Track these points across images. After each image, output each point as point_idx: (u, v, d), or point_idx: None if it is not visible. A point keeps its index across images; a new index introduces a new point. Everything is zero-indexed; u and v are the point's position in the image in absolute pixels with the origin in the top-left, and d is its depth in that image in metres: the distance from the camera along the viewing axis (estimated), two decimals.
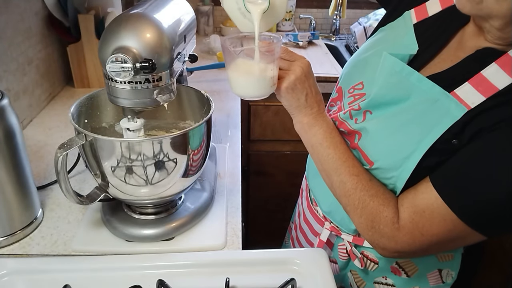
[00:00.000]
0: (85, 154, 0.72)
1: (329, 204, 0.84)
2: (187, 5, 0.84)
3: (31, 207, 0.80)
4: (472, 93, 0.62)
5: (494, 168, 0.58)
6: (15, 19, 1.12)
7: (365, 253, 0.82)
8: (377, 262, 0.82)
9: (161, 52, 0.65)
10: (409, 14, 0.77)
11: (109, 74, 0.64)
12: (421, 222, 0.64)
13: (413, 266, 0.81)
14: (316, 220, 0.89)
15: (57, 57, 1.38)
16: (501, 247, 1.42)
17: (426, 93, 0.65)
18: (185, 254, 0.75)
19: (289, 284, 0.67)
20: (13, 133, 0.73)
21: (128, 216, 0.80)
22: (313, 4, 2.14)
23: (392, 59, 0.71)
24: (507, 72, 0.60)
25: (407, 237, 0.66)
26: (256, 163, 1.73)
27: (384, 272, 0.83)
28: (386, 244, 0.68)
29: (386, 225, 0.67)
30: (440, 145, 0.63)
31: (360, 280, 0.85)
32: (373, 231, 0.69)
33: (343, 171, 0.71)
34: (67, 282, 0.67)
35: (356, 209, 0.70)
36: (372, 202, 0.68)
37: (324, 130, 0.73)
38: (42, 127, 1.18)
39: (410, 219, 0.65)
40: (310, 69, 0.71)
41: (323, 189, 0.83)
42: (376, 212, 0.68)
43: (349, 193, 0.70)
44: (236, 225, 0.83)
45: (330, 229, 0.85)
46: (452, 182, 0.62)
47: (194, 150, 0.74)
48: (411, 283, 0.82)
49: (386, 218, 0.67)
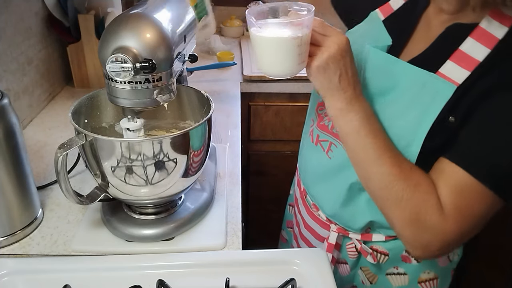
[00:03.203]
0: (85, 154, 0.72)
1: (333, 207, 0.82)
2: (187, 5, 0.84)
3: (31, 207, 0.80)
4: (456, 70, 0.64)
5: (508, 130, 0.60)
6: (15, 19, 1.12)
7: (374, 247, 0.82)
8: (387, 253, 0.81)
9: (161, 52, 0.65)
10: (375, 13, 0.80)
11: (109, 74, 0.64)
12: (463, 205, 0.62)
13: None
14: (320, 224, 0.87)
15: (57, 57, 1.38)
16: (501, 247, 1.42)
17: (413, 78, 0.67)
18: (185, 254, 0.75)
19: (289, 284, 0.67)
20: (13, 133, 0.73)
21: (128, 216, 0.80)
22: None
23: (375, 51, 0.72)
24: (483, 44, 0.63)
25: (454, 225, 0.63)
26: (256, 163, 1.73)
27: (395, 263, 0.82)
28: (431, 239, 0.64)
29: (433, 214, 0.63)
30: (438, 126, 0.64)
31: (372, 275, 0.85)
32: (417, 225, 0.64)
33: (385, 161, 0.65)
34: (67, 282, 0.67)
35: (399, 201, 0.65)
36: (417, 192, 0.64)
37: (360, 117, 0.66)
38: (42, 127, 1.18)
39: (453, 204, 0.63)
40: (348, 46, 0.64)
41: (326, 193, 0.83)
42: (422, 202, 0.64)
43: (391, 184, 0.65)
44: (236, 225, 0.83)
45: (337, 231, 0.83)
46: (475, 157, 0.62)
47: (194, 150, 0.74)
48: (421, 268, 0.82)
49: (433, 207, 0.63)
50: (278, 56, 0.64)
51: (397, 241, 0.80)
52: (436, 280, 0.83)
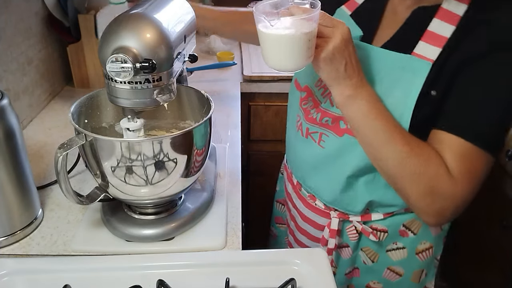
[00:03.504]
0: (85, 154, 0.72)
1: (332, 194, 0.85)
2: (187, 5, 0.84)
3: (31, 207, 0.80)
4: (428, 48, 0.70)
5: (488, 95, 0.68)
6: (15, 19, 1.12)
7: (373, 226, 0.86)
8: (386, 230, 0.85)
9: (161, 52, 0.65)
10: (341, 10, 0.85)
11: (109, 74, 0.64)
12: (468, 168, 0.68)
13: (417, 223, 0.86)
14: (318, 214, 0.90)
15: (57, 57, 1.38)
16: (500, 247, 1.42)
17: (390, 62, 0.73)
18: (185, 254, 0.75)
19: (289, 284, 0.67)
20: (13, 133, 0.73)
21: (128, 216, 0.80)
22: None
23: None
24: (447, 22, 0.70)
25: (465, 187, 0.69)
26: (256, 163, 1.73)
27: (394, 238, 0.87)
28: (445, 205, 0.70)
29: (445, 182, 0.68)
30: (422, 100, 0.70)
31: (373, 253, 0.89)
32: (432, 196, 0.69)
33: (396, 141, 0.69)
34: (67, 282, 0.67)
35: (414, 176, 0.69)
36: (429, 165, 0.68)
37: (367, 101, 0.70)
38: (42, 127, 1.18)
39: (459, 170, 0.68)
40: (350, 35, 0.67)
41: (323, 182, 0.86)
42: (435, 174, 0.68)
43: (405, 161, 0.69)
44: (236, 225, 0.83)
45: (338, 216, 0.86)
46: (465, 124, 0.69)
47: (194, 150, 0.74)
48: (418, 239, 0.87)
49: (444, 177, 0.68)
50: (289, 52, 0.65)
51: (394, 217, 0.85)
52: (431, 249, 0.89)
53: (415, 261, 0.89)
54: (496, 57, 0.67)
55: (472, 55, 0.68)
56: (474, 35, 0.68)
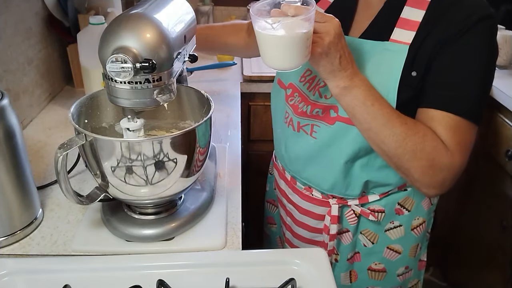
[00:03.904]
0: (85, 154, 0.72)
1: (331, 182, 0.88)
2: (187, 5, 0.84)
3: (31, 207, 0.80)
4: (403, 33, 0.77)
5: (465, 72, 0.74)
6: (15, 19, 1.12)
7: (371, 208, 0.90)
8: (383, 210, 0.90)
9: (161, 52, 0.65)
10: None
11: (109, 74, 0.64)
12: (460, 139, 0.74)
13: (411, 200, 0.91)
14: (317, 204, 0.93)
15: (57, 57, 1.38)
16: (500, 247, 1.42)
17: (370, 50, 0.79)
18: (185, 254, 0.75)
19: (289, 284, 0.67)
20: (13, 133, 0.73)
21: (128, 216, 0.80)
22: None
23: None
24: (418, 8, 0.77)
25: (460, 157, 0.74)
26: (256, 163, 1.73)
27: (391, 217, 0.92)
28: (445, 176, 0.75)
29: (443, 155, 0.74)
30: (404, 81, 0.76)
31: (373, 235, 0.93)
32: (433, 169, 0.74)
33: (394, 123, 0.73)
34: (67, 282, 0.67)
35: (415, 154, 0.73)
36: (426, 141, 0.73)
37: (363, 89, 0.73)
38: (42, 127, 1.18)
39: (453, 141, 0.74)
40: (341, 29, 0.70)
41: (320, 171, 0.89)
42: (433, 149, 0.73)
43: (405, 141, 0.73)
44: (236, 225, 0.83)
45: (337, 203, 0.90)
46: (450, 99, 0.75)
47: (194, 150, 0.74)
48: (412, 215, 0.93)
49: (441, 150, 0.73)
50: (289, 52, 0.66)
51: (389, 197, 0.90)
52: (424, 223, 0.96)
53: (411, 237, 0.95)
54: (465, 37, 0.73)
55: (444, 37, 0.74)
56: (443, 19, 0.75)
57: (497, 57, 0.79)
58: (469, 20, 0.73)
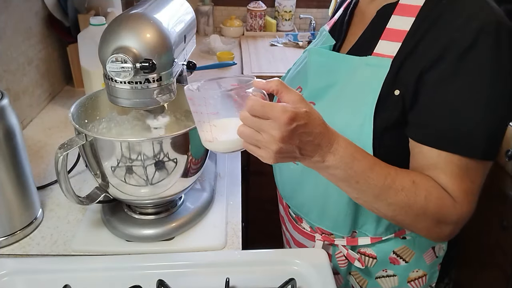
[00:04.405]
0: (85, 154, 0.72)
1: (318, 211, 0.80)
2: (187, 5, 0.84)
3: (31, 207, 0.80)
4: (388, 45, 0.67)
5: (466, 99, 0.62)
6: (15, 19, 1.12)
7: (361, 250, 0.81)
8: (375, 256, 0.81)
9: (161, 52, 0.65)
10: (323, 28, 0.87)
11: (109, 74, 0.64)
12: (468, 185, 0.65)
13: (410, 252, 0.81)
14: (306, 237, 0.85)
15: (57, 57, 1.38)
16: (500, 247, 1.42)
17: (351, 66, 0.71)
18: (185, 254, 0.75)
19: (289, 284, 0.67)
20: (13, 133, 0.73)
21: (128, 216, 0.80)
22: (313, 4, 2.14)
23: (316, 49, 0.78)
24: (406, 15, 0.67)
25: (468, 207, 0.65)
26: (256, 163, 1.72)
27: (384, 265, 0.82)
28: (453, 228, 0.66)
29: (450, 210, 0.64)
30: (385, 100, 0.66)
31: (362, 279, 0.85)
32: (440, 226, 0.66)
33: (388, 194, 0.63)
34: (67, 282, 0.67)
35: (418, 217, 0.64)
36: (430, 202, 0.63)
37: (342, 169, 0.61)
38: (42, 127, 1.18)
39: (459, 190, 0.64)
40: (294, 114, 0.54)
41: (305, 198, 0.81)
42: (439, 207, 0.64)
43: (404, 210, 0.64)
44: (236, 225, 0.83)
45: (322, 239, 0.81)
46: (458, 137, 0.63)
47: (194, 150, 0.74)
48: (410, 267, 0.82)
49: (448, 204, 0.64)
50: None
51: (383, 244, 0.80)
52: (425, 277, 0.84)
53: None
54: (466, 51, 0.61)
55: (437, 51, 0.63)
56: (436, 25, 0.64)
57: None
58: (469, 27, 0.61)
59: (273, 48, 1.87)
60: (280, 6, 2.02)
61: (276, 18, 2.05)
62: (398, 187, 0.63)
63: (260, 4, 2.00)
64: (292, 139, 0.55)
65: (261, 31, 2.03)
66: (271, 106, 0.54)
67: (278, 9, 2.03)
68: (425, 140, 0.65)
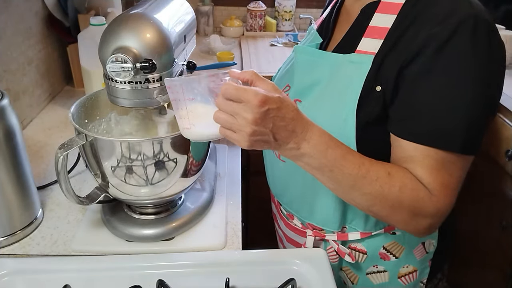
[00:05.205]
0: (85, 154, 0.72)
1: (308, 207, 0.81)
2: (187, 5, 0.84)
3: (31, 207, 0.80)
4: (370, 42, 0.69)
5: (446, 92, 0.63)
6: (15, 19, 1.12)
7: (352, 246, 0.82)
8: (365, 252, 0.81)
9: (161, 52, 0.66)
10: (311, 27, 0.88)
11: (109, 74, 0.64)
12: (445, 179, 0.64)
13: (400, 247, 0.81)
14: (297, 233, 0.86)
15: (57, 57, 1.38)
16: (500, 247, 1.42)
17: (334, 64, 0.73)
18: (185, 254, 0.75)
19: (289, 284, 0.67)
20: (13, 133, 0.73)
21: (128, 216, 0.80)
22: (313, 4, 2.14)
23: (303, 47, 0.80)
24: (388, 13, 0.68)
25: (446, 200, 0.65)
26: (256, 163, 1.72)
27: (374, 261, 0.83)
28: (431, 222, 0.66)
29: (426, 203, 0.64)
30: (367, 96, 0.68)
31: (353, 275, 0.85)
32: (416, 219, 0.66)
33: (363, 183, 0.64)
34: (67, 282, 0.67)
35: (393, 208, 0.65)
36: (405, 193, 0.64)
37: (316, 158, 0.62)
38: (42, 127, 1.18)
39: (437, 183, 0.64)
40: (267, 98, 0.56)
41: (294, 194, 0.82)
42: (414, 199, 0.64)
43: (378, 200, 0.65)
44: (236, 225, 0.83)
45: (313, 234, 0.82)
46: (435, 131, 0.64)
47: (194, 150, 0.74)
48: (400, 263, 0.83)
49: (424, 197, 0.64)
50: None
51: (373, 239, 0.80)
52: (415, 272, 0.85)
53: (397, 285, 0.85)
54: (445, 45, 0.62)
55: (417, 46, 0.63)
56: (416, 22, 0.65)
57: (500, 63, 0.66)
58: (447, 22, 0.62)
59: (273, 48, 1.87)
60: (280, 6, 2.02)
61: (276, 18, 2.05)
62: (372, 177, 0.64)
63: (260, 4, 2.00)
64: (264, 121, 0.57)
65: (261, 31, 2.03)
66: (244, 90, 0.56)
67: (278, 9, 2.03)
68: (402, 134, 0.66)
